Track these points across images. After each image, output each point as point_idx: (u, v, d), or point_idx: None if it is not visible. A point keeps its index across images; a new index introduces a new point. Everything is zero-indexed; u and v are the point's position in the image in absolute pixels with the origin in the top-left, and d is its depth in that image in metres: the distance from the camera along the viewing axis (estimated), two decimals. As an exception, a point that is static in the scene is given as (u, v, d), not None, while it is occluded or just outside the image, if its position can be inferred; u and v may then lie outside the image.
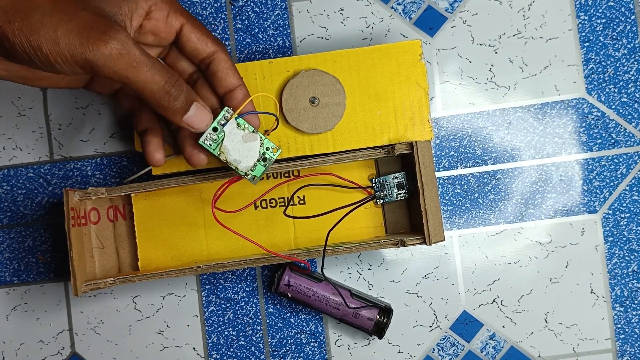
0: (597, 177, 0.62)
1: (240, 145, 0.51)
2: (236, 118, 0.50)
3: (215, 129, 0.50)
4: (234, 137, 0.50)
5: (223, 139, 0.50)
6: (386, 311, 0.59)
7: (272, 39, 0.63)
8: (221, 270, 0.53)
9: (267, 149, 0.51)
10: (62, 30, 0.40)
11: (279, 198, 0.59)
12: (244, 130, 0.51)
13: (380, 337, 0.58)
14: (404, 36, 0.62)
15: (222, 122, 0.50)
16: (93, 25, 0.40)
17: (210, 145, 0.50)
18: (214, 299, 0.62)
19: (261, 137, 0.51)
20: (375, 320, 0.58)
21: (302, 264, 0.60)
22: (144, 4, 0.44)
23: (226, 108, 0.50)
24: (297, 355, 0.62)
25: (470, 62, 0.62)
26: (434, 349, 0.62)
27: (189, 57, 0.50)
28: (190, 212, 0.59)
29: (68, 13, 0.40)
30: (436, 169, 0.62)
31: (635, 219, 0.61)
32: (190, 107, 0.46)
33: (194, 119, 0.47)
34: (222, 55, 0.49)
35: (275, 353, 0.62)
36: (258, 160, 0.51)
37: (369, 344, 0.62)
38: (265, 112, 0.55)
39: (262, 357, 0.62)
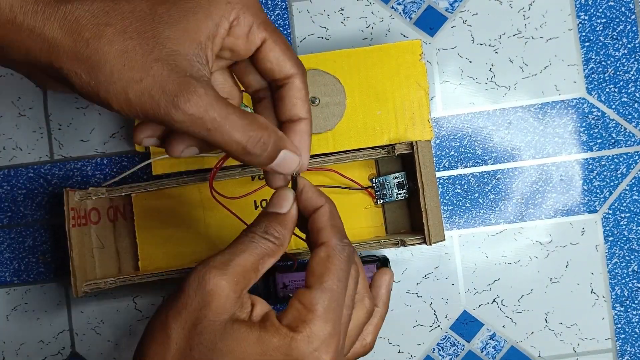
0: (597, 177, 0.62)
1: None
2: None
3: None
4: None
5: None
6: (382, 262, 0.58)
7: (272, 39, 0.63)
8: (221, 270, 0.53)
9: None
10: (133, 92, 0.35)
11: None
12: None
13: None
14: (404, 36, 0.62)
15: None
16: (166, 85, 0.35)
17: None
18: (214, 299, 0.62)
19: None
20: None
21: (289, 262, 0.59)
22: (225, 23, 0.38)
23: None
24: (298, 355, 0.62)
25: (471, 62, 0.62)
26: (434, 349, 0.62)
27: (262, 73, 0.42)
28: (190, 212, 0.59)
29: (138, 69, 0.35)
30: (436, 169, 0.62)
31: (636, 219, 0.61)
32: (277, 156, 0.40)
33: (281, 167, 0.41)
34: (298, 81, 0.42)
35: (276, 353, 0.62)
36: None
37: (369, 343, 0.62)
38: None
39: (263, 357, 0.62)
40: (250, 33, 0.39)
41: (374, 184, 0.58)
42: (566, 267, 0.61)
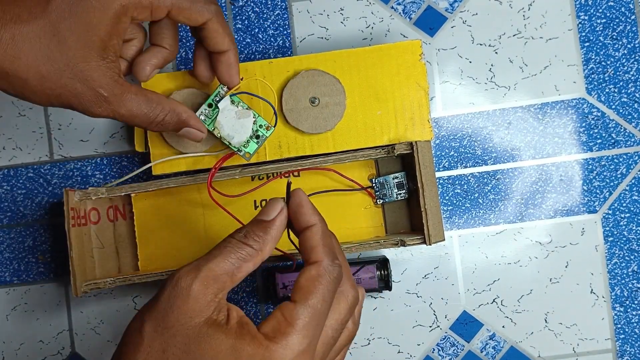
0: (597, 177, 0.62)
1: (233, 121, 0.53)
2: (231, 95, 0.53)
3: (210, 105, 0.53)
4: (228, 113, 0.53)
5: (217, 115, 0.53)
6: (382, 263, 0.58)
7: (272, 39, 0.63)
8: (221, 270, 0.53)
9: (260, 126, 0.54)
10: (58, 102, 0.45)
11: (279, 198, 0.59)
12: (237, 106, 0.53)
13: (390, 288, 0.58)
14: (404, 36, 0.62)
15: (217, 99, 0.53)
16: (81, 97, 0.44)
17: (205, 120, 0.53)
18: (214, 299, 0.62)
19: (254, 114, 0.54)
20: (376, 276, 0.58)
21: (289, 262, 0.60)
22: (125, 20, 0.45)
23: (220, 85, 0.53)
24: (297, 355, 0.62)
25: (470, 62, 0.62)
26: (433, 349, 0.62)
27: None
28: (190, 212, 0.59)
29: (56, 87, 0.43)
30: (436, 169, 0.62)
31: (635, 219, 0.61)
32: (180, 129, 0.50)
33: (190, 135, 0.51)
34: (212, 23, 0.48)
35: (275, 353, 0.62)
36: (251, 137, 0.54)
37: (368, 344, 0.62)
38: (259, 96, 0.56)
39: (262, 357, 0.62)
40: (152, 10, 0.45)
41: (373, 184, 0.58)
42: (566, 267, 0.62)
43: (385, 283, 0.58)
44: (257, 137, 0.54)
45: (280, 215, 0.42)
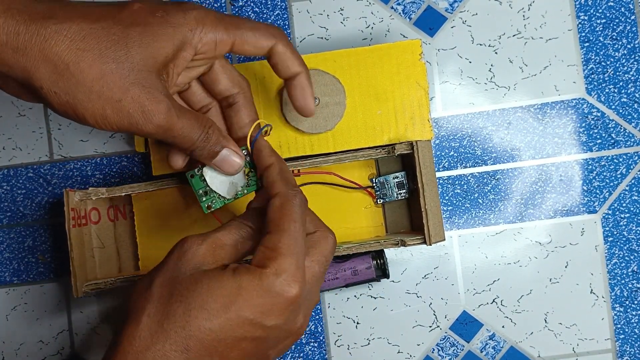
0: (597, 177, 0.62)
1: (222, 178, 0.50)
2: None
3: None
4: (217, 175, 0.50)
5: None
6: (377, 252, 0.59)
7: (272, 39, 0.63)
8: (221, 270, 0.53)
9: (244, 189, 0.50)
10: (111, 109, 0.41)
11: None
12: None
13: (387, 276, 0.58)
14: (404, 36, 0.62)
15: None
16: (144, 106, 0.42)
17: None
18: (214, 299, 0.62)
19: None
20: (373, 265, 0.58)
21: None
22: (190, 49, 0.44)
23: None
24: (297, 355, 0.62)
25: (470, 62, 0.62)
26: (433, 349, 0.62)
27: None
28: (190, 212, 0.59)
29: (117, 91, 0.41)
30: (436, 169, 0.62)
31: (635, 219, 0.61)
32: (219, 153, 0.47)
33: (224, 165, 0.48)
34: (281, 46, 0.48)
35: (275, 353, 0.62)
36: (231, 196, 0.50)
37: (368, 344, 0.62)
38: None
39: (262, 357, 0.62)
40: (217, 46, 0.45)
41: (374, 184, 0.58)
42: (566, 267, 0.62)
43: (382, 272, 0.58)
44: (235, 197, 0.50)
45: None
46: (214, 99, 0.51)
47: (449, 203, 0.62)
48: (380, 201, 0.58)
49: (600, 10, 0.62)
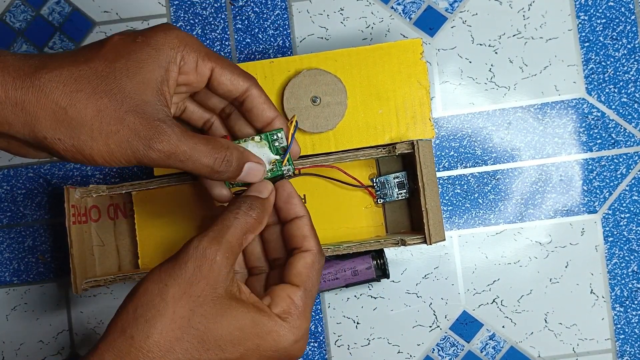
0: (597, 177, 0.62)
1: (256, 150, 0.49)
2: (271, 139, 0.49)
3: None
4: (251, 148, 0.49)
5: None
6: (377, 252, 0.59)
7: (272, 39, 0.63)
8: (222, 269, 0.53)
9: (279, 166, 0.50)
10: (114, 143, 0.42)
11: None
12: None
13: (387, 276, 0.58)
14: (404, 36, 0.63)
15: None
16: (140, 132, 0.42)
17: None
18: (214, 299, 0.62)
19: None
20: (373, 265, 0.58)
21: None
22: (174, 67, 0.44)
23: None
24: (297, 355, 0.62)
25: (470, 62, 0.62)
26: (433, 349, 0.62)
27: (222, 96, 0.49)
28: (190, 211, 0.59)
29: (114, 122, 0.41)
30: (436, 169, 0.62)
31: (635, 219, 0.62)
32: (242, 169, 0.47)
33: (249, 177, 0.47)
34: (255, 91, 0.48)
35: (275, 353, 0.62)
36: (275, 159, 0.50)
37: (368, 344, 0.62)
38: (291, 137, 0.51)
39: (262, 357, 0.62)
40: (197, 67, 0.45)
41: (374, 184, 0.58)
42: (566, 267, 0.62)
43: (382, 271, 0.58)
44: (279, 153, 0.49)
45: (271, 195, 0.47)
46: (213, 112, 0.51)
47: (449, 203, 0.62)
48: (380, 201, 0.58)
49: (600, 10, 0.62)
